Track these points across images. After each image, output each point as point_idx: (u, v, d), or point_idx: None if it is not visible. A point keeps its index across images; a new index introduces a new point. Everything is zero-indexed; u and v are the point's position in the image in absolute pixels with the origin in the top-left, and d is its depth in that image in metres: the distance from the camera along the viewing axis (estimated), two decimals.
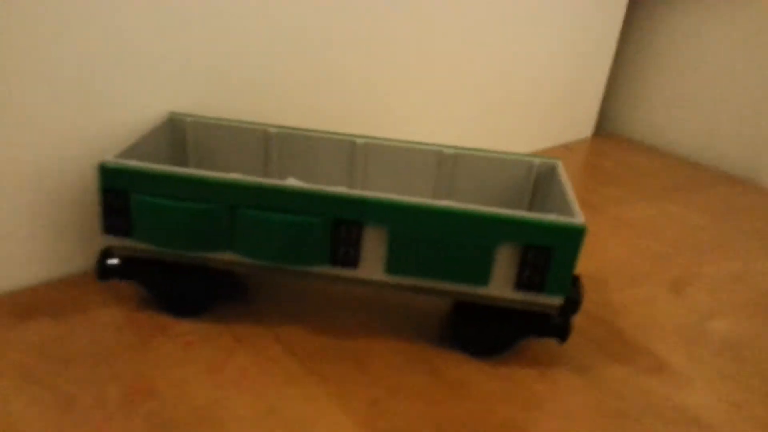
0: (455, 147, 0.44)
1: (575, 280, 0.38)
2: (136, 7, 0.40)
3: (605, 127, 0.90)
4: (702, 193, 0.69)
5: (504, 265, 0.35)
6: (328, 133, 0.44)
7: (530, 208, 0.45)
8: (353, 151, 0.44)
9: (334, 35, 0.50)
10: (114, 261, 0.39)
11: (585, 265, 0.52)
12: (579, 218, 0.35)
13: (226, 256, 0.37)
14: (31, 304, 0.40)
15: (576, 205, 0.36)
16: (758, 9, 0.72)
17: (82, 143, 0.41)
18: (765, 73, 0.73)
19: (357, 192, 0.35)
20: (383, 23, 0.53)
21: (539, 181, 0.44)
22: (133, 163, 0.36)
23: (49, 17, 0.37)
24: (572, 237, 0.34)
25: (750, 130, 0.75)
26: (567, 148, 0.79)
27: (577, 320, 0.44)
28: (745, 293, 0.50)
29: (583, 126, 0.82)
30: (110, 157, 0.36)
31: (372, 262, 0.36)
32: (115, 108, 0.41)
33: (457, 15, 0.58)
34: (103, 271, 0.39)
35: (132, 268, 0.39)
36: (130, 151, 0.38)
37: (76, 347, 0.37)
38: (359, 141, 0.44)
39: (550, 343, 0.41)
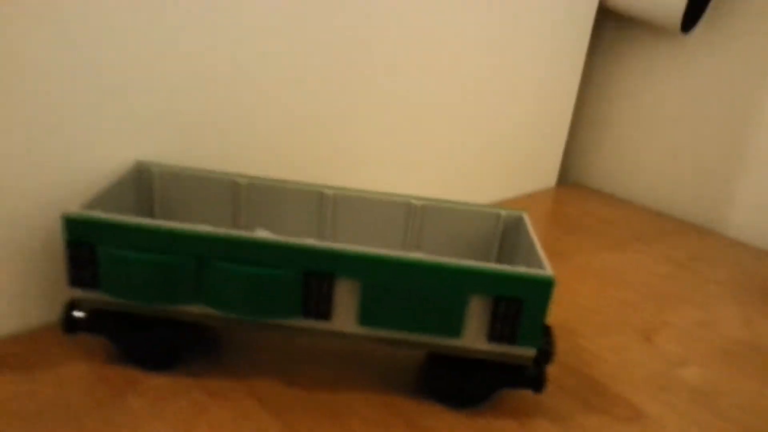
0: (424, 198, 0.44)
1: (547, 331, 0.39)
2: (103, 55, 0.40)
3: (568, 177, 0.92)
4: (664, 242, 0.70)
5: (476, 316, 0.35)
6: (298, 183, 0.44)
7: (498, 259, 0.45)
8: (322, 202, 0.44)
9: (303, 87, 0.51)
10: (80, 314, 0.38)
11: (554, 312, 0.52)
12: (548, 270, 0.35)
13: (196, 309, 0.36)
14: None
15: (544, 257, 0.37)
16: (713, 61, 0.75)
17: (46, 192, 0.40)
18: (721, 124, 0.76)
19: (329, 244, 0.35)
20: (352, 77, 0.54)
21: (506, 233, 0.44)
22: (99, 214, 0.35)
23: (11, 64, 0.36)
24: (542, 289, 0.34)
25: (709, 180, 0.78)
26: (532, 198, 0.80)
27: (551, 370, 0.44)
28: (713, 340, 0.50)
29: (547, 176, 0.84)
30: (75, 208, 0.35)
31: (345, 314, 0.36)
32: (81, 156, 0.41)
33: (424, 69, 0.60)
34: (70, 324, 0.37)
35: (99, 321, 0.38)
36: (96, 201, 0.38)
37: (43, 404, 0.35)
38: (328, 192, 0.44)
39: (527, 394, 0.41)
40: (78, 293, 0.37)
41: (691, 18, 0.72)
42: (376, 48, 0.55)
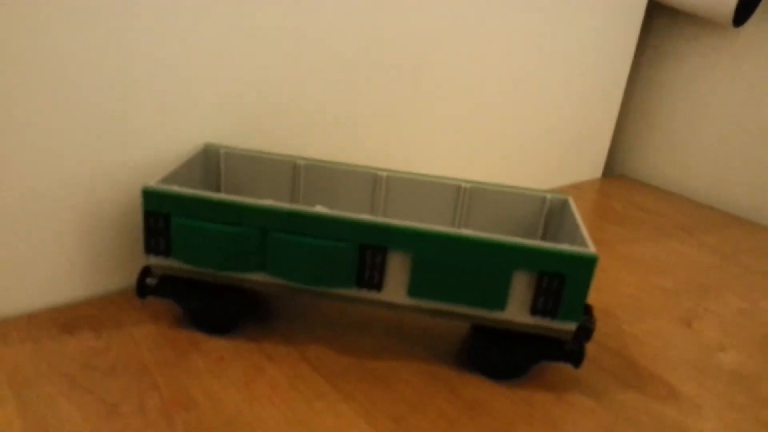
0: (472, 181, 0.46)
1: (588, 309, 0.40)
2: (177, 48, 0.43)
3: (614, 169, 0.92)
4: (709, 233, 0.71)
5: (520, 291, 0.38)
6: (353, 165, 0.47)
7: (543, 240, 0.47)
8: (376, 183, 0.47)
9: (361, 76, 0.53)
10: (152, 280, 0.41)
11: (596, 298, 0.53)
12: (591, 248, 0.37)
13: (258, 277, 0.40)
14: (73, 318, 0.42)
15: (588, 236, 0.38)
16: (764, 54, 0.75)
17: (125, 170, 0.44)
18: None
19: (383, 219, 0.37)
20: (409, 67, 0.56)
21: (551, 215, 0.46)
22: (174, 188, 0.38)
23: (96, 56, 0.40)
24: (584, 265, 0.36)
25: (755, 173, 0.77)
26: (577, 188, 0.81)
27: (590, 350, 0.46)
28: (753, 329, 0.51)
29: (593, 167, 0.84)
30: (153, 182, 0.39)
31: (395, 286, 0.39)
32: (156, 139, 0.44)
33: (476, 60, 0.62)
34: (143, 289, 0.41)
35: (169, 287, 0.41)
36: (170, 178, 0.41)
37: (116, 360, 0.39)
38: (381, 173, 0.46)
39: (565, 369, 0.43)
40: (152, 260, 0.40)
41: (743, 11, 0.72)
42: (432, 39, 0.57)
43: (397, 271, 0.38)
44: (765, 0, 0.73)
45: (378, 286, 0.39)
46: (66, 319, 0.42)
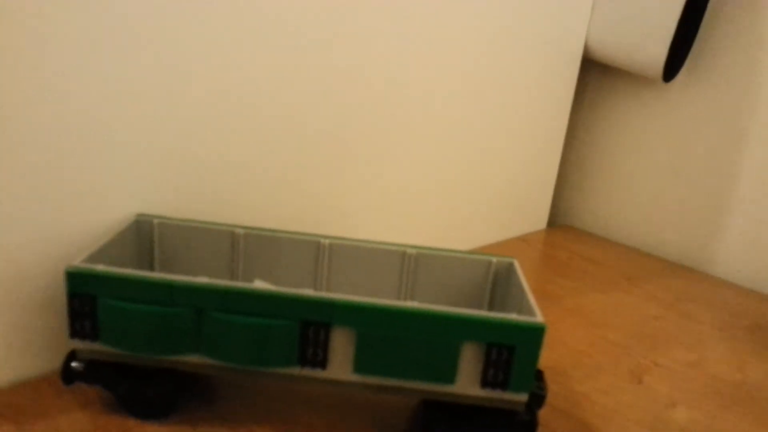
0: (417, 246, 0.45)
1: (539, 376, 0.39)
2: (102, 114, 0.41)
3: (558, 220, 0.93)
4: (653, 282, 0.72)
5: (469, 363, 0.36)
6: (294, 233, 0.45)
7: (491, 306, 0.46)
8: (319, 251, 0.45)
9: (295, 142, 0.52)
10: (79, 365, 0.38)
11: (545, 356, 0.53)
12: (539, 317, 0.36)
13: (194, 359, 0.37)
14: None
15: (535, 304, 0.38)
16: (695, 107, 0.78)
17: (50, 244, 0.41)
18: (705, 167, 0.78)
19: (325, 294, 0.36)
20: (343, 130, 0.56)
21: (498, 279, 0.46)
22: (100, 268, 0.36)
23: (11, 120, 0.38)
24: (533, 335, 0.35)
25: (695, 221, 0.79)
26: (523, 240, 0.81)
27: (543, 414, 0.45)
28: (703, 381, 0.51)
29: (538, 219, 0.85)
30: (77, 262, 0.36)
31: (340, 363, 0.37)
32: (83, 210, 0.42)
33: (413, 118, 0.62)
34: (69, 375, 0.38)
35: (97, 372, 0.38)
36: (97, 255, 0.39)
37: None
38: (324, 241, 0.45)
39: None
40: (78, 344, 0.37)
41: (672, 67, 0.75)
42: (366, 101, 0.56)
43: (341, 347, 0.37)
44: (692, 56, 0.76)
45: (322, 363, 0.37)
46: None
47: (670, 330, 0.60)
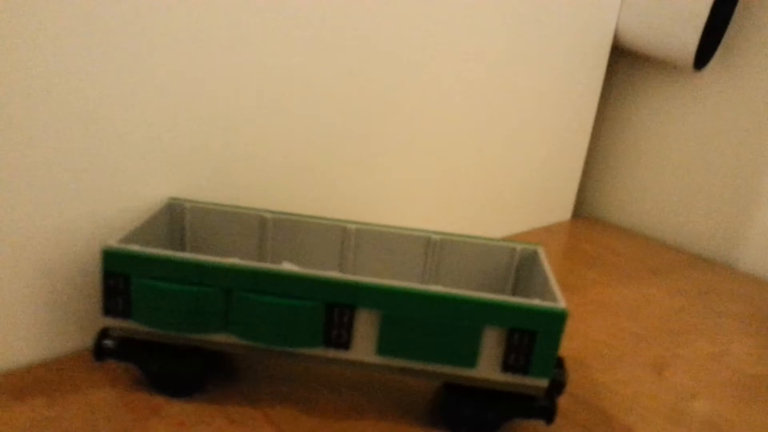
0: (442, 233, 0.46)
1: (559, 363, 0.40)
2: (136, 100, 0.42)
3: (583, 211, 0.93)
4: (678, 276, 0.71)
5: (491, 348, 0.37)
6: (321, 218, 0.46)
7: (514, 292, 0.47)
8: (345, 236, 0.46)
9: (326, 128, 0.53)
10: (110, 342, 0.40)
11: (567, 346, 0.53)
12: (561, 303, 0.36)
13: (222, 338, 0.38)
14: (26, 384, 0.40)
15: (558, 290, 0.38)
16: (726, 97, 0.77)
17: (85, 226, 0.42)
18: (734, 159, 0.77)
19: (350, 277, 0.36)
20: (373, 117, 0.56)
21: (522, 266, 0.46)
22: (135, 248, 0.37)
23: (53, 105, 0.39)
24: (555, 321, 0.36)
25: (722, 214, 0.79)
26: (547, 231, 0.81)
27: (563, 402, 0.45)
28: (725, 374, 0.51)
29: (563, 209, 0.85)
30: (113, 242, 0.38)
31: (364, 345, 0.38)
32: (118, 194, 0.43)
33: (442, 107, 0.62)
34: (100, 352, 0.39)
35: (128, 349, 0.40)
36: (131, 236, 0.40)
37: (71, 428, 0.37)
38: (350, 226, 0.46)
39: (538, 425, 0.42)
40: (110, 322, 0.39)
41: (704, 55, 0.74)
42: (396, 89, 0.57)
43: (365, 329, 0.37)
44: (724, 43, 0.75)
45: (346, 345, 0.38)
46: (17, 385, 0.40)
47: (692, 322, 0.60)
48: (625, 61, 0.85)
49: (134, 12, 0.40)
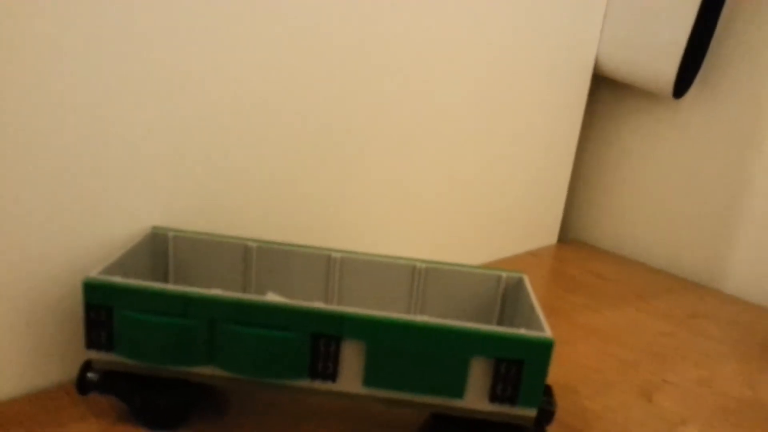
0: (427, 261, 0.46)
1: (548, 391, 0.40)
2: (118, 128, 0.42)
3: (569, 235, 0.93)
4: (663, 299, 0.72)
5: (478, 378, 0.37)
6: (306, 247, 0.46)
7: (500, 320, 0.47)
8: (330, 265, 0.46)
9: (306, 158, 0.53)
10: (94, 375, 0.39)
11: (555, 372, 0.53)
12: (547, 332, 0.36)
13: (207, 370, 0.38)
14: (8, 417, 0.40)
15: (543, 319, 0.38)
16: (706, 123, 0.78)
17: (65, 256, 0.42)
18: (716, 183, 0.78)
19: (335, 307, 0.36)
20: (357, 145, 0.56)
21: (507, 294, 0.46)
22: (117, 279, 0.37)
23: (35, 134, 0.39)
24: (542, 351, 0.36)
25: (706, 237, 0.79)
26: (534, 255, 0.81)
27: (552, 429, 0.45)
28: (713, 399, 0.51)
29: (548, 234, 0.85)
30: (94, 273, 0.37)
31: (350, 375, 0.37)
32: (100, 224, 0.43)
33: (424, 132, 0.62)
34: (84, 385, 0.39)
35: (112, 382, 0.39)
36: (114, 267, 0.39)
37: None
38: (335, 255, 0.46)
39: None
40: (94, 355, 0.38)
41: (682, 83, 0.75)
42: (379, 118, 0.57)
43: (351, 360, 0.37)
44: (701, 72, 0.76)
45: (332, 376, 0.37)
46: (0, 419, 0.40)
47: (680, 347, 0.60)
48: (607, 86, 0.86)
49: (116, 42, 0.40)
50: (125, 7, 0.40)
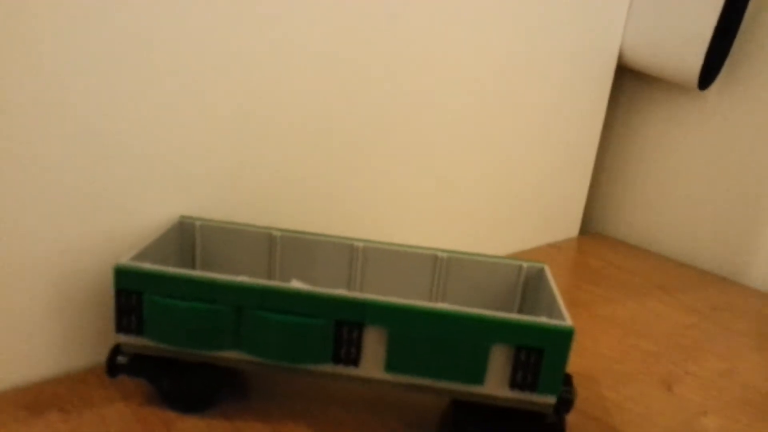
0: (448, 251, 0.46)
1: (567, 380, 0.40)
2: (150, 118, 0.43)
3: (590, 228, 0.93)
4: (687, 292, 0.71)
5: (498, 365, 0.37)
6: (329, 236, 0.47)
7: (521, 309, 0.47)
8: (353, 254, 0.47)
9: (331, 147, 0.54)
10: (123, 358, 0.40)
11: (576, 362, 0.53)
12: (568, 321, 0.37)
13: (233, 355, 0.39)
14: (40, 398, 0.41)
15: (564, 308, 0.38)
16: (731, 115, 0.77)
17: (97, 243, 0.43)
18: (741, 176, 0.77)
19: (359, 295, 0.37)
20: (379, 136, 0.57)
21: (528, 284, 0.46)
22: (147, 265, 0.38)
23: (65, 123, 0.40)
24: (562, 339, 0.36)
25: (730, 231, 0.79)
26: (555, 247, 0.82)
27: (573, 419, 0.45)
28: (735, 391, 0.51)
29: (570, 226, 0.85)
30: (125, 260, 0.38)
31: (372, 361, 0.38)
32: (129, 212, 0.44)
33: (448, 123, 0.63)
34: (113, 368, 0.40)
35: (141, 365, 0.40)
36: (143, 254, 0.40)
37: None
38: (358, 244, 0.46)
39: None
40: (123, 339, 0.39)
41: (708, 75, 0.75)
42: (403, 106, 0.58)
43: (374, 346, 0.38)
44: (727, 64, 0.75)
45: (355, 361, 0.38)
46: (32, 400, 0.41)
47: (702, 339, 0.60)
48: (631, 77, 0.85)
49: (147, 31, 0.41)
50: None
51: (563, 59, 0.72)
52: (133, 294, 0.38)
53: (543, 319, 0.36)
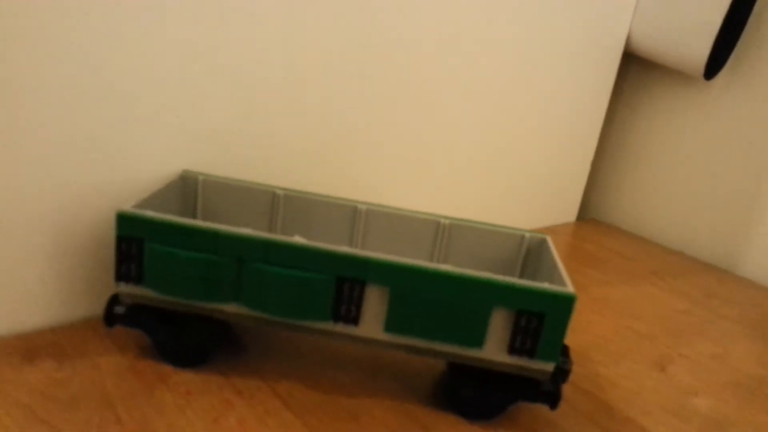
0: (451, 217, 0.46)
1: (565, 351, 0.40)
2: (154, 73, 0.43)
3: (587, 213, 0.93)
4: (679, 278, 0.72)
5: (498, 329, 0.37)
6: (332, 198, 0.46)
7: (521, 278, 0.47)
8: (355, 216, 0.46)
9: (341, 113, 0.53)
10: (121, 308, 0.40)
11: (571, 339, 0.53)
12: (570, 287, 0.37)
13: (232, 308, 0.39)
14: (36, 346, 0.41)
15: (566, 276, 0.38)
16: (733, 106, 0.77)
17: (98, 193, 0.43)
18: (739, 167, 0.77)
19: (362, 252, 0.37)
20: (389, 107, 0.56)
21: (529, 254, 0.46)
22: (149, 213, 0.37)
23: (70, 74, 0.39)
24: (563, 304, 0.36)
25: (726, 221, 0.79)
26: (551, 231, 0.82)
27: (566, 392, 0.45)
28: (725, 374, 0.51)
29: (567, 211, 0.85)
30: (127, 207, 0.38)
31: (372, 321, 0.38)
32: (132, 164, 0.43)
33: (456, 102, 0.62)
34: (111, 318, 0.40)
35: (138, 316, 0.40)
36: (145, 203, 0.40)
37: (80, 391, 0.37)
38: (361, 207, 0.46)
39: (540, 411, 0.42)
40: (123, 288, 0.39)
41: (714, 65, 0.75)
42: (412, 83, 0.57)
43: (374, 305, 0.38)
44: (734, 54, 0.75)
45: (354, 320, 0.38)
46: (28, 347, 0.41)
47: (696, 324, 0.60)
48: (636, 65, 0.85)
49: None
50: None
51: (571, 44, 0.71)
52: (134, 242, 0.38)
53: (545, 285, 0.36)
